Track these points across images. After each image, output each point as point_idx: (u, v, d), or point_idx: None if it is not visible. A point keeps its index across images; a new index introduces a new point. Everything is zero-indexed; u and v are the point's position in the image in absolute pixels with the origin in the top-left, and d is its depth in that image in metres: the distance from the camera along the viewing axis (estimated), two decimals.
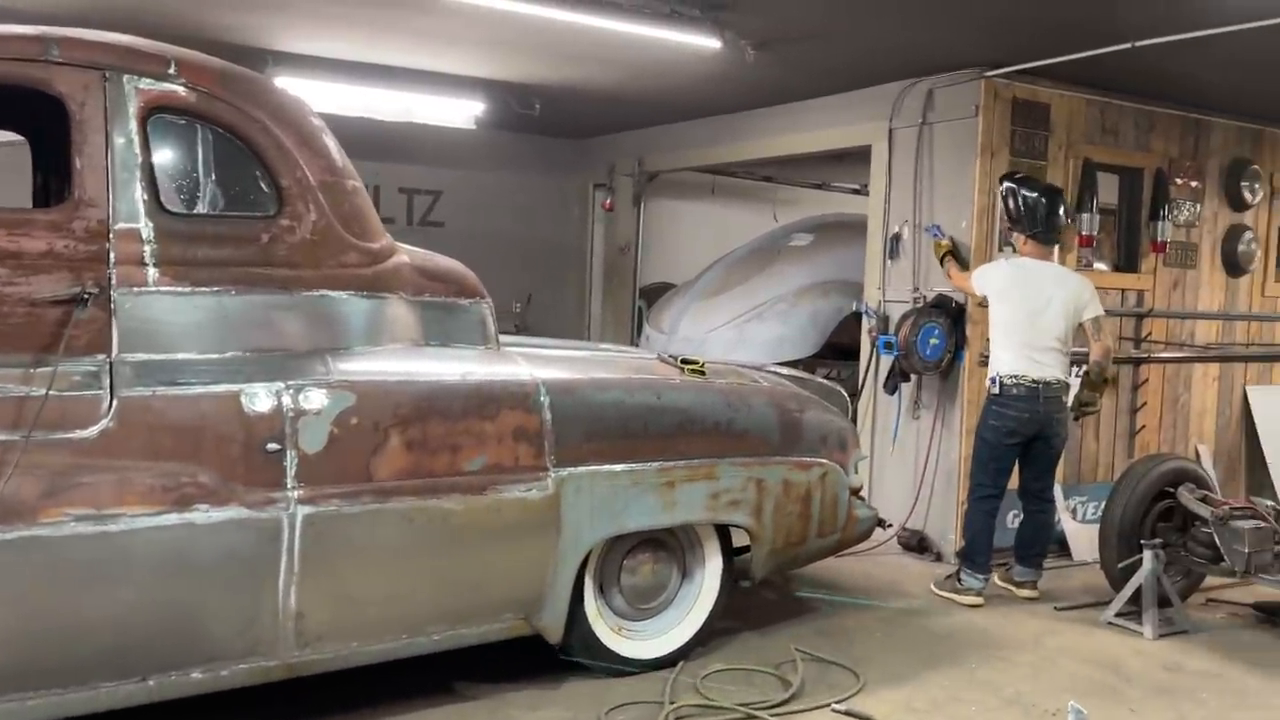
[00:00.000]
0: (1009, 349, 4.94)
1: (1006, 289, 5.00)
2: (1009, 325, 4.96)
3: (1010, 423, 4.93)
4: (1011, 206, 5.18)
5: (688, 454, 3.82)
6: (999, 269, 5.13)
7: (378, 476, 3.19)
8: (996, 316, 5.02)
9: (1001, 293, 5.01)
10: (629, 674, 3.89)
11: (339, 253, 3.33)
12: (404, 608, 3.30)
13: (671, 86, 6.53)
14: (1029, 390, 4.89)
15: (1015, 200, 5.15)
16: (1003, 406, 4.94)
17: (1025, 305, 4.94)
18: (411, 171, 8.54)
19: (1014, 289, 4.97)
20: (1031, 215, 5.08)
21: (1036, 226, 5.06)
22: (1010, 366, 4.92)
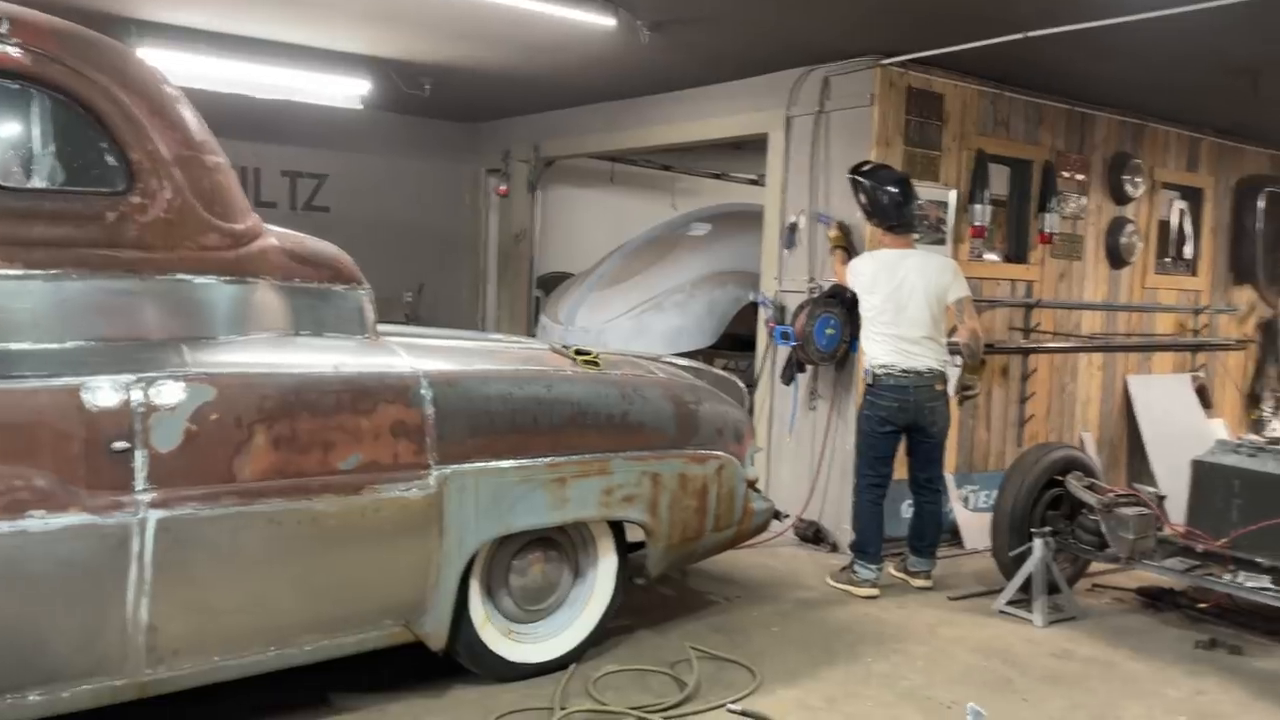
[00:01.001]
0: (880, 341, 4.98)
1: (872, 283, 5.01)
2: (878, 318, 4.99)
3: (882, 412, 4.98)
4: (865, 200, 5.12)
5: (580, 449, 3.66)
6: (864, 264, 5.11)
7: (241, 477, 2.94)
8: (866, 310, 5.05)
9: (868, 287, 5.02)
10: (519, 679, 3.72)
11: (198, 233, 3.07)
12: (272, 618, 3.06)
13: (567, 68, 6.34)
14: (899, 380, 4.93)
15: (867, 193, 5.11)
16: (876, 397, 4.99)
17: (892, 298, 4.95)
18: (295, 154, 8.16)
19: (879, 282, 4.98)
20: (885, 208, 5.06)
21: (891, 219, 5.06)
22: (881, 358, 4.96)
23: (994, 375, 6.35)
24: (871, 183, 5.08)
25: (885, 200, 5.04)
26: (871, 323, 5.02)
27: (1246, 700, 3.92)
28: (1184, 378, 7.55)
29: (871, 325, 5.02)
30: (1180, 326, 7.54)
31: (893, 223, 5.07)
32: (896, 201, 5.04)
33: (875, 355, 5.00)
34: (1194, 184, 7.49)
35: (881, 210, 5.07)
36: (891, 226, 5.07)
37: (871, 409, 5.02)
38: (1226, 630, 4.66)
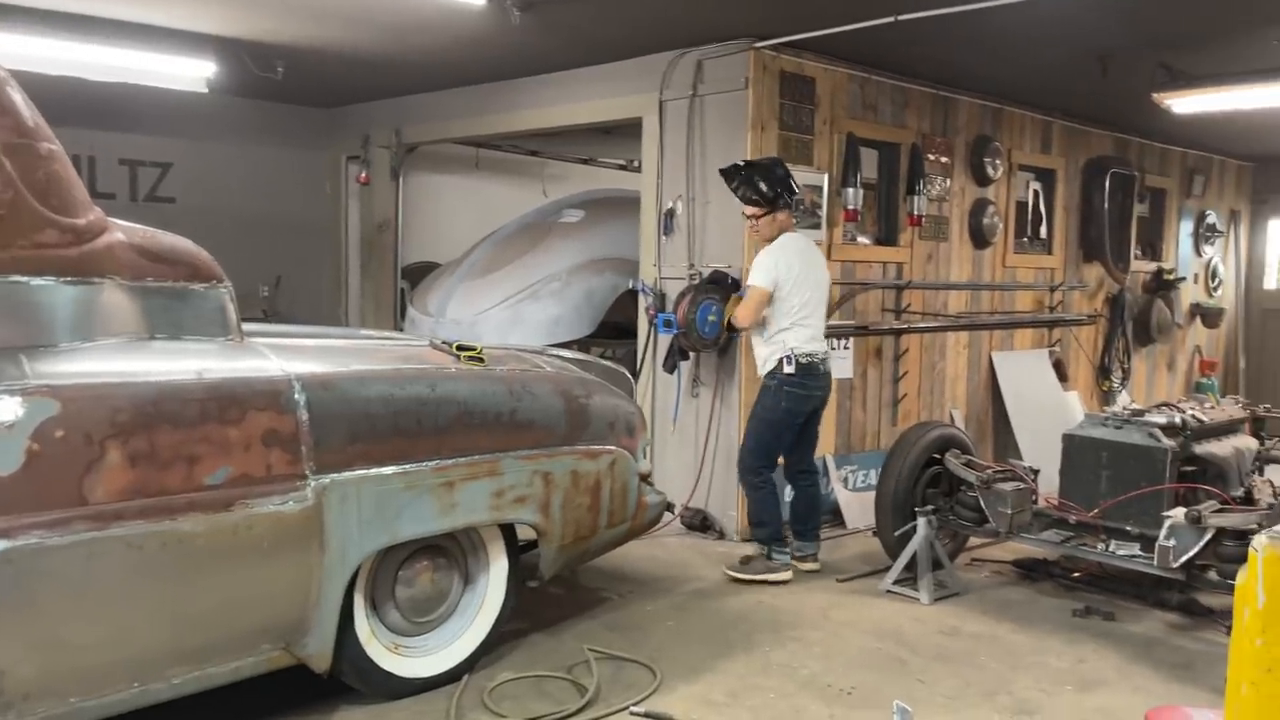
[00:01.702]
0: (803, 328, 4.90)
1: (802, 276, 4.90)
2: (804, 304, 4.90)
3: (803, 403, 4.94)
4: (764, 187, 4.91)
5: (468, 450, 3.48)
6: (783, 253, 4.91)
7: (94, 499, 2.66)
8: (791, 298, 4.88)
9: (797, 277, 4.89)
10: (409, 694, 3.53)
11: (33, 230, 2.75)
12: (135, 651, 2.79)
13: (432, 49, 6.08)
14: (823, 367, 4.98)
15: (765, 173, 4.92)
16: (797, 386, 4.89)
17: (814, 283, 4.96)
18: (135, 141, 7.60)
19: (803, 269, 4.91)
20: (784, 181, 4.93)
21: (790, 195, 4.97)
22: (805, 345, 4.90)
23: (868, 356, 6.45)
24: (768, 161, 5.00)
25: (781, 173, 4.93)
26: (798, 310, 4.89)
27: (1124, 664, 4.06)
28: (1042, 353, 7.87)
29: (793, 314, 4.89)
30: (1038, 303, 7.84)
31: (790, 200, 4.97)
32: (788, 176, 4.97)
33: (799, 344, 4.89)
34: (1047, 165, 7.79)
35: (785, 185, 4.92)
36: (788, 205, 4.97)
37: (792, 400, 4.91)
38: (1099, 597, 4.84)
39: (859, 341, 6.35)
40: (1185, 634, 4.43)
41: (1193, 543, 4.17)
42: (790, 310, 4.89)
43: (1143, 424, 4.80)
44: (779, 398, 4.92)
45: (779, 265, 4.87)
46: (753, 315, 4.90)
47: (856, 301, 6.32)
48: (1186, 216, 9.59)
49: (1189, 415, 4.92)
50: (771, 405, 4.94)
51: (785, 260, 4.88)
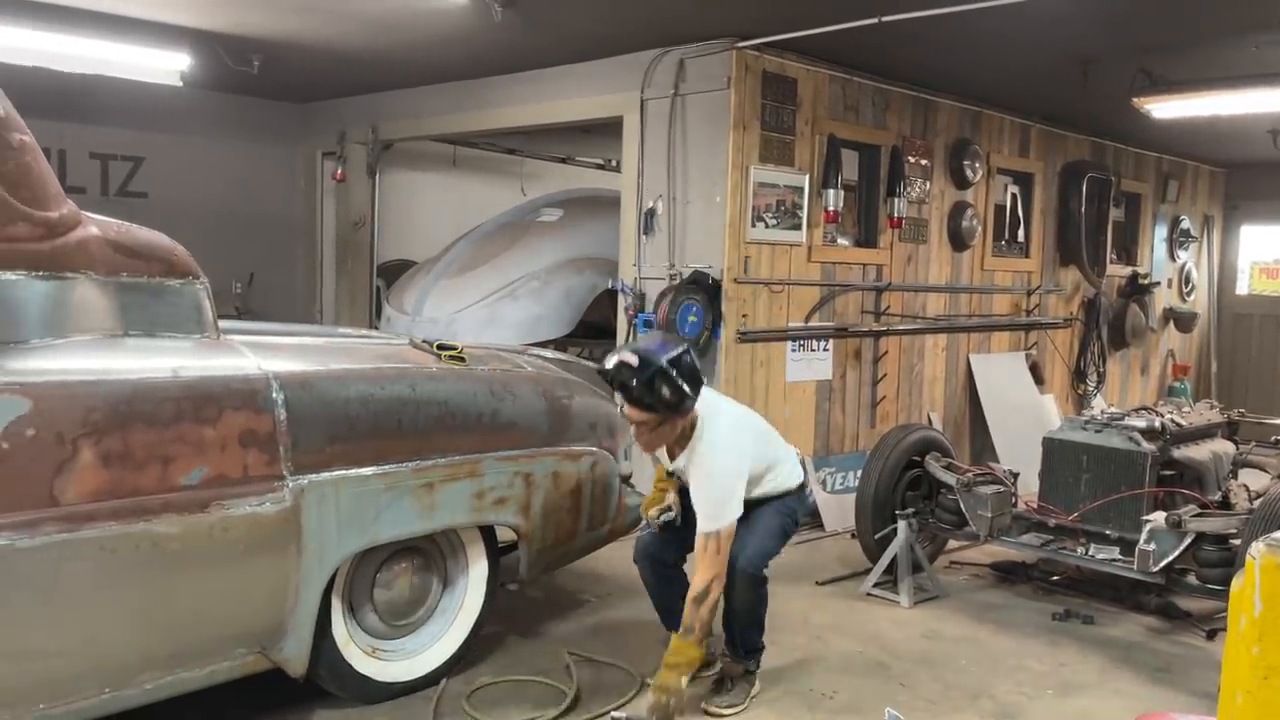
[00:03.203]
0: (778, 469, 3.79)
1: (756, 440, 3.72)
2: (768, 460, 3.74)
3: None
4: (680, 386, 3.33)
5: (448, 451, 3.43)
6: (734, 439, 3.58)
7: (65, 500, 2.58)
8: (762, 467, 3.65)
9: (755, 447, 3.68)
10: (387, 699, 3.47)
11: (4, 223, 2.67)
12: (105, 657, 2.72)
13: (411, 45, 6.01)
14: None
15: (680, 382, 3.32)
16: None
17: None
18: (106, 134, 7.48)
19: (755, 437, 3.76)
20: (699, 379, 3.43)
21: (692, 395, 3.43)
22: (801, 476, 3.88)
23: (848, 358, 6.44)
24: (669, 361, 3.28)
25: (689, 361, 3.35)
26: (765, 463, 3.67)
27: (1105, 667, 4.07)
28: (1019, 356, 7.90)
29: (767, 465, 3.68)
30: (1015, 306, 7.87)
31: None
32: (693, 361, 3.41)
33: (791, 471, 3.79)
34: (1025, 169, 7.82)
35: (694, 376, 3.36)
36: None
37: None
38: (1078, 601, 4.85)
39: (838, 343, 6.35)
40: (1164, 638, 4.45)
41: (1172, 547, 4.18)
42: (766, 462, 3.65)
43: (1123, 428, 4.81)
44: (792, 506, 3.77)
45: (739, 455, 3.49)
46: (727, 550, 3.40)
47: (836, 303, 6.31)
48: (1161, 221, 9.66)
49: (1168, 419, 4.94)
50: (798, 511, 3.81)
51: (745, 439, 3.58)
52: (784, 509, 3.71)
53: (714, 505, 3.38)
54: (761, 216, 5.78)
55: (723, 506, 3.39)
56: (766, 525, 3.63)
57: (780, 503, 3.70)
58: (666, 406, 3.29)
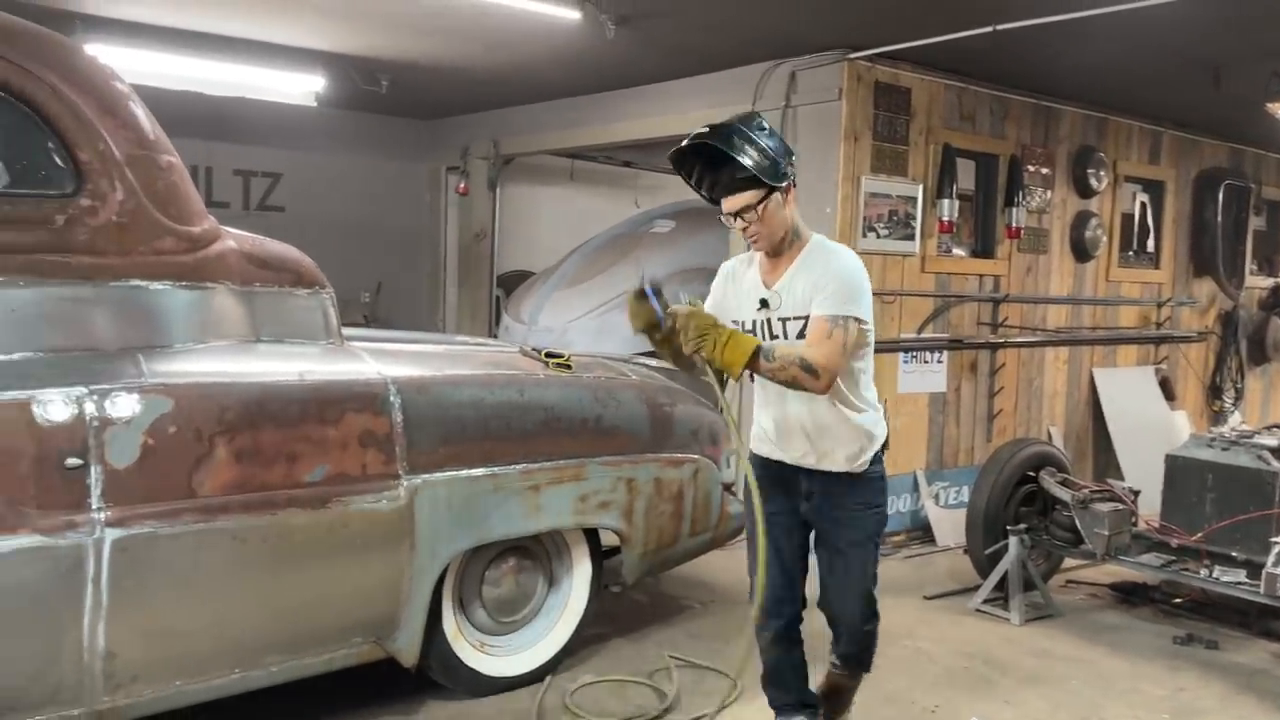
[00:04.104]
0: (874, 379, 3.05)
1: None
2: (871, 343, 2.94)
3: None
4: (756, 154, 2.74)
5: (554, 454, 3.55)
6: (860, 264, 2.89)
7: (202, 492, 2.80)
8: (872, 331, 2.89)
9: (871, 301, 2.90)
10: (493, 692, 3.61)
11: (153, 237, 2.91)
12: (236, 639, 2.92)
13: (529, 63, 6.21)
14: None
15: (764, 142, 2.77)
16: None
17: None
18: (248, 152, 7.95)
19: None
20: (783, 149, 2.84)
21: (791, 168, 2.85)
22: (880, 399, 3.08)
23: (962, 370, 6.34)
24: (744, 117, 2.84)
25: (769, 128, 2.86)
26: (869, 349, 2.93)
27: (1227, 695, 3.91)
28: (1147, 370, 7.60)
29: (870, 352, 2.94)
30: (1144, 319, 7.58)
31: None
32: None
33: (877, 400, 3.04)
34: (1156, 177, 7.54)
35: (784, 147, 2.84)
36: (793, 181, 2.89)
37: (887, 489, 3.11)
38: (1202, 625, 4.66)
39: (953, 355, 6.25)
40: None
41: None
42: (870, 346, 2.93)
43: (1251, 446, 4.61)
44: (883, 496, 3.04)
45: (865, 281, 2.85)
46: (846, 361, 2.78)
47: (951, 314, 6.22)
48: None
49: None
50: (880, 514, 3.04)
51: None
52: (868, 519, 2.98)
53: (843, 295, 2.72)
54: (873, 227, 5.76)
55: (853, 299, 2.73)
56: (862, 561, 2.98)
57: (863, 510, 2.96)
58: (761, 172, 2.70)
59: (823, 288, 2.77)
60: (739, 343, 2.68)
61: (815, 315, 2.75)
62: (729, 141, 2.72)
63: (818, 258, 2.85)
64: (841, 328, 2.73)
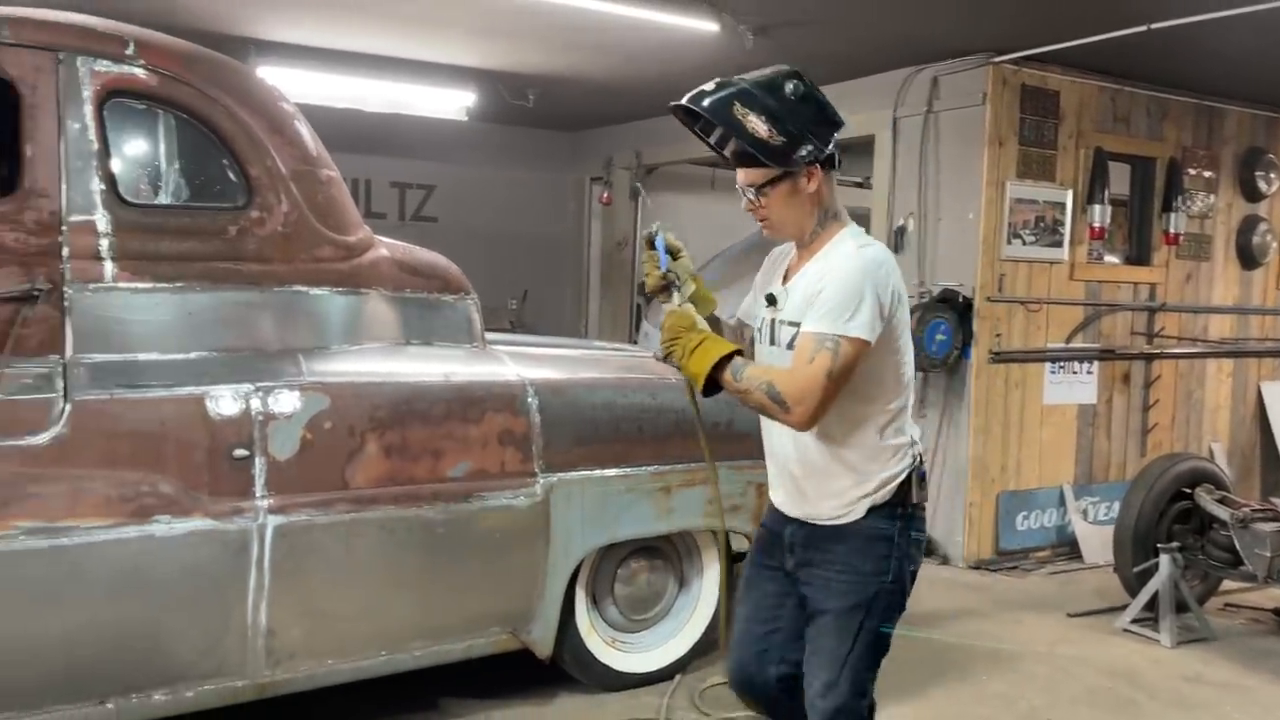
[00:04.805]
0: (905, 410, 2.36)
1: (903, 305, 2.29)
2: (903, 364, 2.33)
3: (919, 558, 2.39)
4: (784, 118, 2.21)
5: (685, 457, 3.62)
6: (887, 264, 2.25)
7: (354, 484, 3.00)
8: (905, 351, 2.32)
9: (900, 315, 2.28)
10: (624, 688, 3.71)
11: (313, 246, 3.14)
12: (383, 623, 3.11)
13: (669, 75, 6.32)
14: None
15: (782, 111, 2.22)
16: (923, 526, 2.39)
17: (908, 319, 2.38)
18: (403, 165, 8.35)
19: (904, 299, 2.30)
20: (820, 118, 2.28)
21: (823, 144, 2.26)
22: (914, 442, 2.38)
23: (1114, 382, 6.09)
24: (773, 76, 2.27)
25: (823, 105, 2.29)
26: (908, 376, 2.34)
27: None
28: None
29: (907, 381, 2.34)
30: None
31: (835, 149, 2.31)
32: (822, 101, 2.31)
33: (913, 441, 2.37)
34: None
35: (823, 116, 2.28)
36: (833, 160, 2.31)
37: (916, 558, 2.37)
38: None
39: (1104, 365, 6.02)
40: None
41: None
42: (905, 374, 2.33)
43: None
44: (905, 560, 2.32)
45: (894, 293, 2.23)
46: (836, 391, 2.16)
47: (1102, 324, 5.99)
48: None
49: None
50: (894, 586, 2.30)
51: (896, 283, 2.25)
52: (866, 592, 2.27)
53: (837, 306, 2.15)
54: (1018, 233, 5.61)
55: (849, 312, 2.14)
56: (838, 631, 2.29)
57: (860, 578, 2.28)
58: (763, 151, 2.20)
59: (818, 294, 2.20)
60: (705, 351, 2.26)
61: (803, 330, 2.20)
62: (723, 111, 2.22)
63: (832, 253, 2.27)
64: (829, 351, 2.13)
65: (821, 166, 2.26)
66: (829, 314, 2.17)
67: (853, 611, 2.28)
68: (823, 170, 2.27)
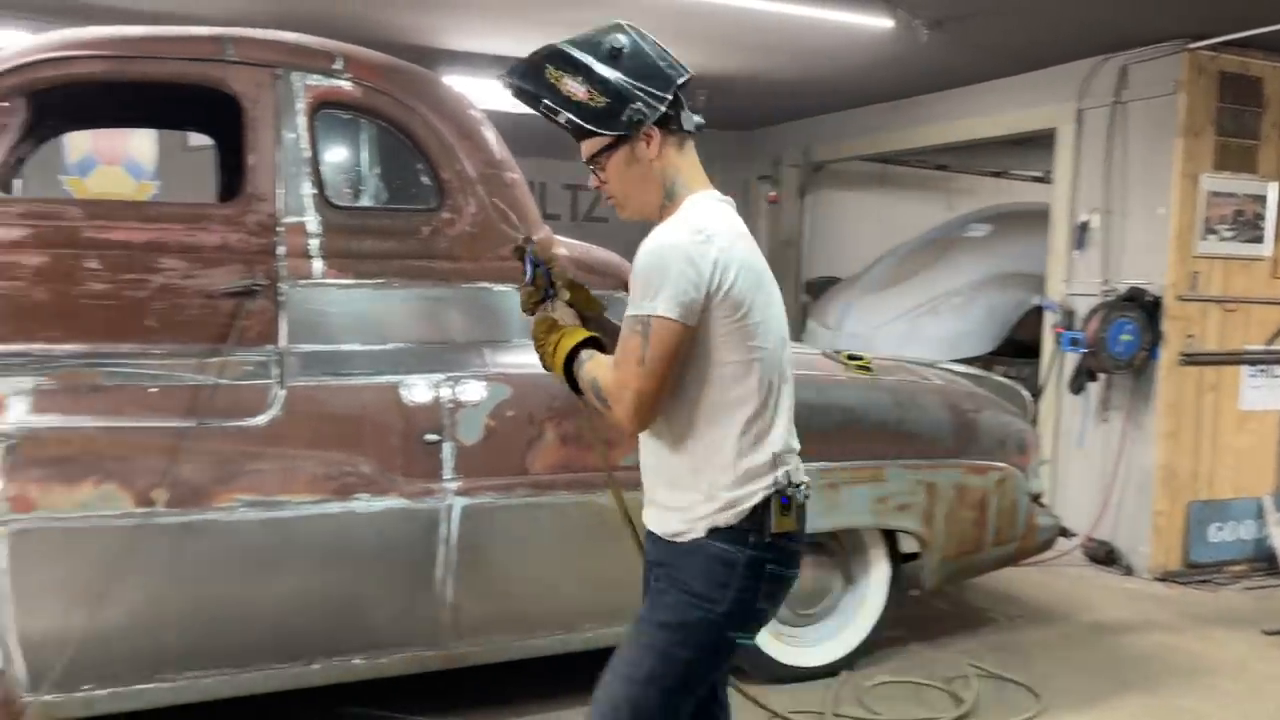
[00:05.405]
0: (784, 415, 2.10)
1: (760, 284, 2.04)
2: (779, 358, 2.07)
3: (774, 603, 2.09)
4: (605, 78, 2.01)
5: (852, 455, 3.63)
6: (721, 239, 1.98)
7: (533, 470, 3.16)
8: (757, 338, 1.99)
9: (761, 297, 2.03)
10: (788, 681, 3.74)
11: (498, 245, 3.32)
12: (558, 604, 3.26)
13: (840, 72, 6.29)
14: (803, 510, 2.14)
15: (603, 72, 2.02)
16: (788, 561, 2.07)
17: (777, 315, 2.10)
18: (575, 168, 8.45)
19: (762, 279, 2.06)
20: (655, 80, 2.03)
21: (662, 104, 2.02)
22: (795, 459, 2.14)
23: None
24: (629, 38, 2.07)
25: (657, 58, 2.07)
26: (768, 374, 2.01)
27: None
28: None
29: (768, 381, 2.02)
30: None
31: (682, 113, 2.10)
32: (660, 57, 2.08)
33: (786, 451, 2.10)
34: None
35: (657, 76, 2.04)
36: (678, 125, 2.10)
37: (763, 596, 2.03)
38: None
39: None
40: None
41: None
42: (757, 376, 1.99)
43: None
44: (748, 595, 2.00)
45: (718, 263, 1.94)
46: (654, 382, 1.92)
47: None
48: None
49: None
50: (723, 620, 1.99)
51: (729, 253, 1.97)
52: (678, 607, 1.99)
53: (640, 284, 1.92)
54: (1214, 229, 5.31)
55: (651, 288, 1.89)
56: (638, 646, 2.03)
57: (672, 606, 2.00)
58: (584, 116, 1.99)
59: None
60: (561, 349, 2.10)
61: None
62: (535, 76, 2.02)
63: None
64: (639, 335, 1.89)
65: (664, 130, 2.01)
66: (635, 294, 1.93)
67: (664, 629, 1.97)
68: (665, 133, 2.02)
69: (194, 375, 2.84)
